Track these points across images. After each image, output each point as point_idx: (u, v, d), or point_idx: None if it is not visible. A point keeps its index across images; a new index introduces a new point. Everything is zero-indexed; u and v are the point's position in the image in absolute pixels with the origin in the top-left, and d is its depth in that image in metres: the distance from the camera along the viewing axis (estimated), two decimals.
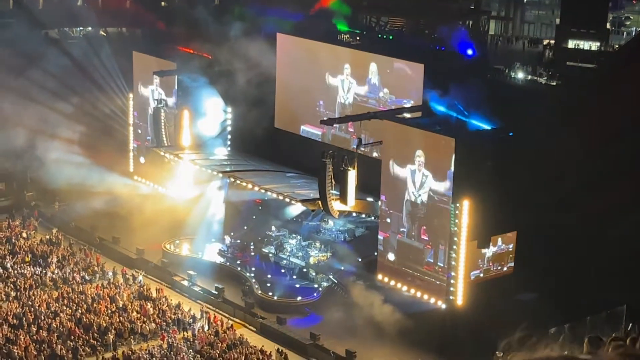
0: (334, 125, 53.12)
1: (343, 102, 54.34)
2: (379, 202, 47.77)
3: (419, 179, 45.31)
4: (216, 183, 58.20)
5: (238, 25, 56.96)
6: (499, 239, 45.27)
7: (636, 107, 41.47)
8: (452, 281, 44.07)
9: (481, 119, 45.46)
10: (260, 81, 55.54)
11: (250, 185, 52.72)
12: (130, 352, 44.54)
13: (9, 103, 63.38)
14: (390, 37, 60.64)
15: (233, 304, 50.83)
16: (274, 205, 55.71)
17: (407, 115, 48.59)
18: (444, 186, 44.22)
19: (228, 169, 56.30)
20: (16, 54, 63.24)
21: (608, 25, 65.20)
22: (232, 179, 55.06)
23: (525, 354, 3.78)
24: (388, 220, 48.07)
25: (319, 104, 55.79)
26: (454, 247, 43.74)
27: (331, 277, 52.04)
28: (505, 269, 45.91)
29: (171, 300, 50.94)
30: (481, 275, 45.12)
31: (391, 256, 47.65)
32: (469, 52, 53.90)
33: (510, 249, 45.71)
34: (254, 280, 52.38)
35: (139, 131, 63.51)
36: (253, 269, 54.08)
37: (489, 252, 44.93)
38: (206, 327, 47.92)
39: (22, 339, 44.71)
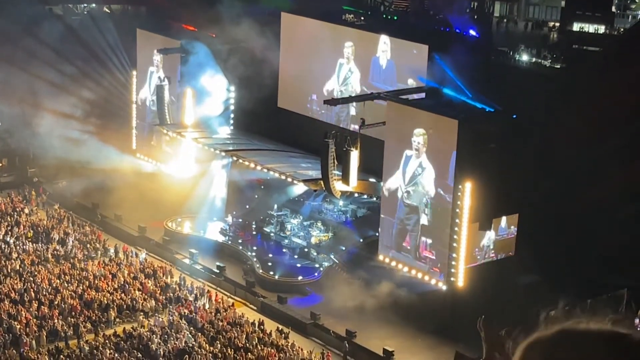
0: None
1: (341, 94, 53.37)
2: (381, 183, 47.71)
3: (414, 166, 44.90)
4: (219, 162, 58.19)
5: (242, 3, 56.78)
6: (504, 221, 44.96)
7: None
8: (452, 262, 44.06)
9: (485, 101, 45.34)
10: (263, 60, 55.40)
11: (252, 165, 52.72)
12: (131, 329, 44.70)
13: (12, 78, 63.35)
14: (395, 18, 60.44)
15: (234, 282, 50.95)
16: (276, 185, 55.72)
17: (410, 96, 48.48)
18: (446, 175, 43.74)
19: (231, 148, 56.28)
20: (18, 29, 63.10)
21: (613, 9, 64.97)
22: (235, 158, 55.06)
23: (568, 323, 3.74)
24: (379, 229, 47.46)
25: (311, 99, 55.13)
26: (456, 228, 43.68)
27: (332, 257, 52.12)
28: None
29: (173, 278, 51.08)
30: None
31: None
32: (472, 32, 53.73)
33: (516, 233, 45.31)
34: (255, 260, 52.46)
35: (135, 132, 63.55)
36: (254, 248, 54.17)
37: (489, 241, 44.62)
38: (207, 305, 48.05)
39: (24, 315, 44.88)
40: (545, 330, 3.56)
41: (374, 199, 51.22)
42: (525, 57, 55.13)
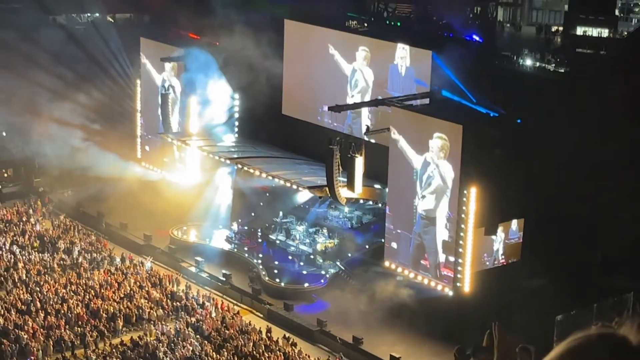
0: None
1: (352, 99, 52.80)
2: (386, 190, 47.61)
3: (430, 171, 44.48)
4: (224, 170, 58.22)
5: (244, 11, 56.82)
6: (514, 225, 44.77)
7: None
8: (459, 268, 43.99)
9: (489, 105, 45.32)
10: (266, 67, 55.40)
11: (257, 172, 52.74)
12: (138, 338, 44.67)
13: (16, 87, 63.50)
14: (398, 24, 60.45)
15: (240, 290, 50.93)
16: (281, 192, 55.71)
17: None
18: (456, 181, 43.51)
19: (235, 156, 56.33)
20: (23, 39, 63.25)
21: (617, 12, 64.89)
22: (240, 166, 55.09)
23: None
24: (394, 245, 47.05)
25: (321, 111, 54.47)
26: (461, 233, 43.61)
27: (338, 263, 52.08)
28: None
29: (179, 287, 51.07)
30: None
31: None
32: (475, 37, 53.72)
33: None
34: (261, 267, 52.45)
35: (140, 141, 63.49)
36: (260, 255, 54.16)
37: (500, 245, 44.50)
38: (213, 314, 48.03)
39: (30, 325, 44.89)
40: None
41: (379, 205, 51.19)
42: (529, 62, 55.04)
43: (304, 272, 52.17)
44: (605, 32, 59.88)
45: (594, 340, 3.47)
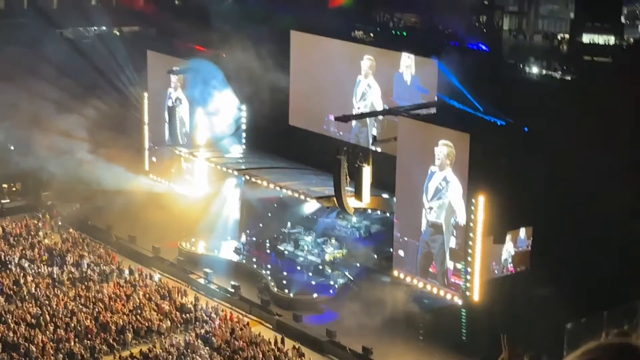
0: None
1: (359, 111, 52.58)
2: (394, 199, 47.56)
3: (437, 181, 44.65)
4: (231, 181, 58.27)
5: (251, 23, 56.90)
6: (523, 233, 44.67)
7: None
8: (468, 277, 43.89)
9: (496, 114, 45.29)
10: (273, 78, 55.45)
11: (265, 183, 52.78)
12: (147, 350, 44.66)
13: (25, 103, 63.65)
14: (404, 33, 60.46)
15: (249, 301, 50.91)
16: (289, 203, 55.72)
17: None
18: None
19: (243, 167, 56.34)
20: (30, 54, 63.43)
21: (623, 19, 64.82)
22: (247, 177, 55.12)
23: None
24: (401, 253, 47.02)
25: (327, 120, 54.42)
26: (470, 242, 43.52)
27: (347, 273, 52.03)
28: None
29: (188, 298, 51.07)
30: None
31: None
32: (482, 46, 53.72)
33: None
34: (269, 278, 52.44)
35: (148, 154, 63.68)
36: (269, 266, 54.15)
37: (508, 254, 44.39)
38: (223, 325, 47.99)
39: (40, 338, 44.92)
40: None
41: (387, 214, 51.13)
42: (535, 70, 54.97)
43: (313, 283, 52.13)
44: (611, 40, 59.82)
45: (605, 349, 3.47)
